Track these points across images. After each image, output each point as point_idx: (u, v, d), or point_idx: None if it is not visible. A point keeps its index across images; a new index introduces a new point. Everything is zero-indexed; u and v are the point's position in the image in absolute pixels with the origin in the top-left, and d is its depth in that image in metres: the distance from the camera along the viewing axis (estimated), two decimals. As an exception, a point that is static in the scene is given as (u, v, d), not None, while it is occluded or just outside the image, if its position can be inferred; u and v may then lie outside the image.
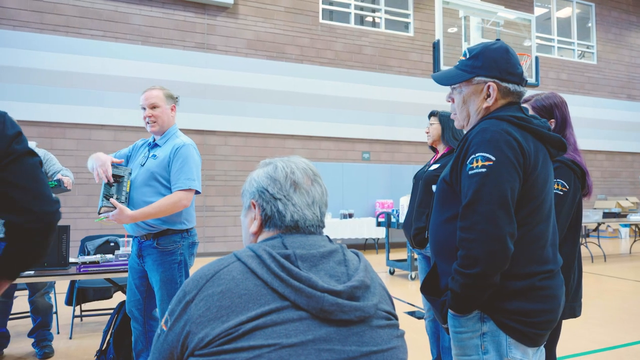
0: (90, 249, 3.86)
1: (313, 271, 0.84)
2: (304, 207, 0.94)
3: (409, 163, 9.77)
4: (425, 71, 10.05)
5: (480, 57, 1.32)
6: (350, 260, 0.91)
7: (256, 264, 0.83)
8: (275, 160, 0.99)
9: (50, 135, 7.35)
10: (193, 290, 0.82)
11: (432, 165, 2.73)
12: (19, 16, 7.35)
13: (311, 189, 0.96)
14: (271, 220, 0.94)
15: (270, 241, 0.90)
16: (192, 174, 2.29)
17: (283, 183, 0.94)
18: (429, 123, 2.82)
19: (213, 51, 8.51)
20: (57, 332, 3.66)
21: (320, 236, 0.95)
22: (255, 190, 0.97)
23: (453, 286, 1.21)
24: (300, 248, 0.88)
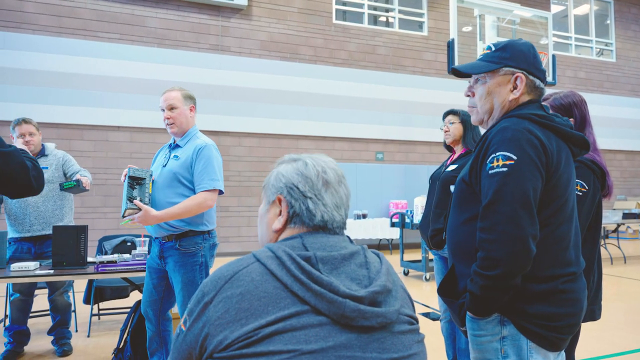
0: (108, 249, 3.92)
1: (334, 274, 0.82)
2: (333, 207, 0.91)
3: (424, 163, 9.70)
4: (439, 71, 9.97)
5: (508, 49, 1.30)
6: (371, 262, 0.89)
7: (275, 265, 0.80)
8: (303, 157, 0.96)
9: (69, 136, 7.48)
10: (211, 291, 0.80)
11: (449, 166, 2.70)
12: (38, 20, 7.51)
13: (339, 190, 0.93)
14: (298, 218, 0.90)
15: (290, 241, 0.87)
16: (216, 174, 2.31)
17: (315, 181, 0.91)
18: (447, 122, 2.75)
19: (227, 53, 8.57)
20: (76, 330, 3.73)
21: (342, 237, 0.92)
22: (283, 185, 0.92)
23: (472, 288, 1.18)
24: (321, 250, 0.85)
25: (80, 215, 7.14)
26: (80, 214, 7.21)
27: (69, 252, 2.85)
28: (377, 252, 0.94)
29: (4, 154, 1.41)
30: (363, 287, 0.83)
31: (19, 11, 7.43)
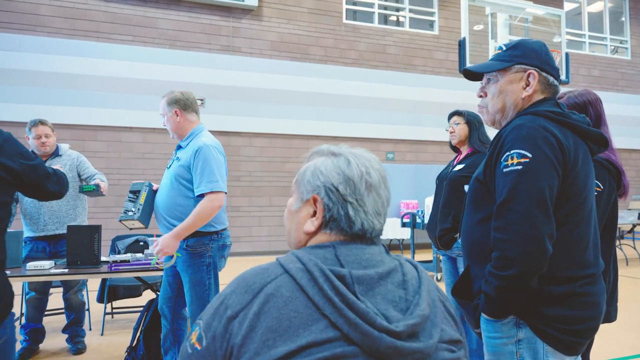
0: (121, 248, 3.96)
1: (369, 295, 0.73)
2: (374, 214, 0.81)
3: (434, 163, 9.64)
4: (450, 70, 9.90)
5: (520, 47, 1.29)
6: (409, 280, 0.79)
7: (306, 280, 0.72)
8: (344, 152, 0.84)
9: (82, 137, 7.58)
10: (236, 305, 0.71)
11: (455, 165, 2.70)
12: (52, 23, 7.62)
13: (382, 193, 0.83)
14: (335, 223, 0.80)
15: (321, 251, 0.77)
16: (214, 175, 2.26)
17: (358, 184, 0.80)
18: (452, 122, 2.76)
19: (238, 53, 8.61)
20: (90, 329, 3.78)
21: (377, 247, 0.82)
22: (321, 184, 0.81)
23: (487, 289, 1.16)
24: (357, 266, 0.76)
25: (93, 215, 7.23)
26: (94, 214, 7.30)
27: (83, 251, 2.89)
28: (415, 264, 0.84)
29: (31, 167, 1.61)
30: (399, 310, 0.74)
31: (33, 14, 7.55)
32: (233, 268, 7.08)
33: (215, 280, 2.37)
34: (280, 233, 8.68)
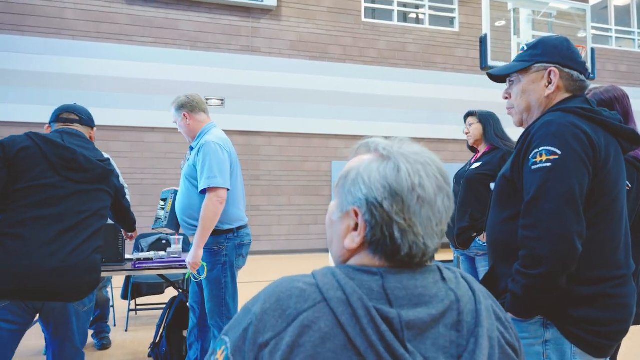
0: (144, 246, 4.04)
1: (418, 341, 0.63)
2: (428, 235, 0.68)
3: (455, 162, 9.51)
4: (471, 67, 9.76)
5: (540, 46, 1.28)
6: (464, 319, 0.67)
7: (348, 317, 0.62)
8: (395, 154, 0.70)
9: (106, 138, 7.75)
10: (268, 331, 0.63)
11: (473, 164, 2.68)
12: (77, 26, 7.82)
13: (440, 207, 0.69)
14: (379, 245, 0.68)
15: (367, 279, 0.66)
16: (212, 172, 2.25)
17: (407, 199, 0.67)
18: (467, 124, 2.78)
19: (257, 53, 8.67)
20: (114, 325, 3.86)
21: (432, 274, 0.70)
22: (363, 197, 0.68)
23: (513, 288, 1.14)
24: (407, 304, 0.65)
25: None
26: (118, 213, 7.46)
27: (108, 249, 2.95)
28: (474, 290, 0.72)
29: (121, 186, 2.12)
30: (450, 356, 0.65)
31: (59, 18, 7.76)
32: (253, 267, 7.08)
33: (233, 279, 2.39)
34: (299, 232, 8.72)
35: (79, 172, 1.81)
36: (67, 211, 1.75)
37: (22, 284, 1.64)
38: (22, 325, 1.73)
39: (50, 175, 1.75)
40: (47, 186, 1.73)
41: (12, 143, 1.73)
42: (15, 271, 1.63)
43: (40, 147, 1.76)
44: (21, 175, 1.71)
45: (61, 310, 1.78)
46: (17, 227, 1.67)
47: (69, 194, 1.77)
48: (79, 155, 1.82)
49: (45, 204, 1.72)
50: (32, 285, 1.65)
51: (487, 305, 0.71)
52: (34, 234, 1.67)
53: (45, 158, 1.75)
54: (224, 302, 2.34)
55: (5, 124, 7.47)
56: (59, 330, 1.82)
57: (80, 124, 2.02)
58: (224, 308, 2.35)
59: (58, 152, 1.78)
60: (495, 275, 1.28)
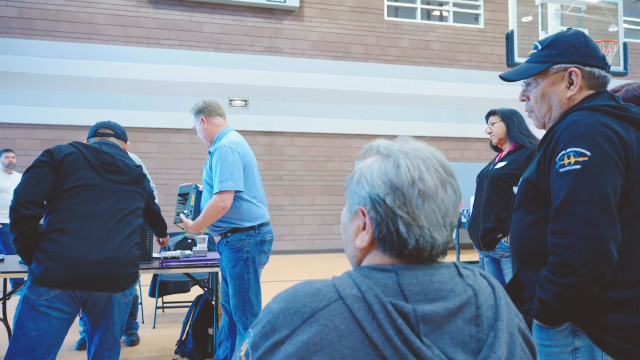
0: (170, 245, 4.13)
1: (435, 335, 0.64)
2: (433, 227, 0.69)
3: (480, 161, 9.36)
4: (497, 64, 9.58)
5: (556, 44, 1.21)
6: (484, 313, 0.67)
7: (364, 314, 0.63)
8: (395, 152, 0.72)
9: (134, 139, 7.95)
10: (284, 328, 0.64)
11: (497, 163, 2.63)
12: (107, 31, 8.05)
13: (444, 199, 0.69)
14: (388, 241, 0.69)
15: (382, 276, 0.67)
16: (224, 175, 2.36)
17: (408, 194, 0.68)
18: (489, 123, 2.72)
19: (280, 54, 8.74)
20: (142, 322, 3.96)
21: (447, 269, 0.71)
22: (366, 195, 0.70)
23: (542, 295, 1.08)
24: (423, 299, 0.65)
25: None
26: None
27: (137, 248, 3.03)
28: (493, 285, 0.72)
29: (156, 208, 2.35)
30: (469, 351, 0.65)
31: (89, 23, 8.00)
32: (276, 266, 7.11)
33: (255, 275, 2.46)
34: (322, 232, 8.74)
35: (118, 174, 2.00)
36: (109, 208, 1.93)
37: (71, 274, 1.80)
38: (70, 315, 1.88)
39: (93, 176, 1.94)
40: (90, 186, 1.92)
41: (58, 150, 1.93)
42: (65, 262, 1.79)
43: (82, 152, 1.95)
44: (67, 177, 1.89)
45: (106, 300, 1.93)
46: (66, 223, 1.84)
47: (109, 193, 1.96)
48: (117, 159, 2.02)
49: (89, 202, 1.90)
50: (80, 276, 1.81)
51: (506, 301, 0.71)
52: (80, 229, 1.85)
53: (87, 162, 1.94)
54: (247, 297, 2.41)
55: (38, 127, 7.76)
56: (101, 319, 1.96)
57: (115, 137, 2.21)
58: (248, 304, 2.42)
59: (98, 156, 1.98)
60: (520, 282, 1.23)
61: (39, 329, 1.78)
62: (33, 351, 1.77)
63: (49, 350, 1.81)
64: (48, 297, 1.79)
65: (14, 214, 1.79)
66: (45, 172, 1.86)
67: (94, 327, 1.99)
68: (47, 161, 1.88)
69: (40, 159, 1.89)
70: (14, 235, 1.83)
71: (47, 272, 1.77)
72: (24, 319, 1.78)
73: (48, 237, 1.83)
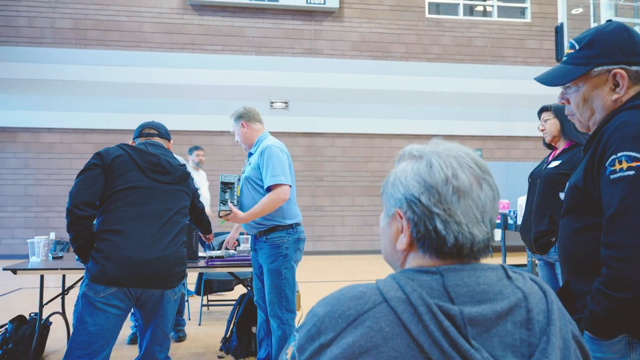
0: (215, 245, 4.24)
1: (484, 338, 0.62)
2: (471, 223, 0.68)
3: (527, 160, 9.01)
4: (545, 59, 9.20)
5: (596, 44, 1.10)
6: (535, 317, 0.65)
7: (409, 316, 0.62)
8: (427, 153, 0.72)
9: (180, 142, 8.22)
10: (329, 331, 0.64)
11: (551, 162, 2.50)
12: (154, 39, 8.38)
13: (480, 195, 0.69)
14: (426, 240, 0.69)
15: (426, 278, 0.66)
16: (276, 170, 2.50)
17: (442, 191, 0.68)
18: (542, 120, 2.58)
19: (320, 55, 8.78)
20: (189, 319, 4.09)
21: (495, 271, 0.69)
22: (402, 196, 0.71)
23: (594, 308, 1.02)
24: (470, 301, 0.64)
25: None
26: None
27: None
28: (544, 290, 0.70)
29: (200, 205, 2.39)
30: (520, 356, 0.63)
31: (138, 31, 8.37)
32: (317, 267, 7.12)
33: (292, 272, 2.56)
34: (362, 233, 8.70)
35: (163, 174, 2.07)
36: (157, 209, 2.01)
37: (125, 272, 1.88)
38: (124, 311, 1.97)
39: (141, 178, 2.01)
40: (139, 187, 1.99)
41: (107, 153, 2.00)
42: (119, 262, 1.88)
43: (130, 154, 2.02)
44: (117, 179, 1.97)
45: (158, 297, 2.02)
46: (119, 224, 1.93)
47: (157, 193, 2.03)
48: (163, 159, 2.07)
49: (139, 203, 1.98)
50: (133, 274, 1.90)
51: (559, 307, 0.69)
52: (132, 230, 1.93)
53: (135, 163, 2.01)
54: (284, 292, 2.50)
55: (91, 131, 8.19)
56: (153, 315, 2.05)
57: (160, 137, 2.26)
58: (284, 299, 2.50)
59: (145, 157, 2.04)
60: (570, 291, 1.17)
61: (97, 324, 1.87)
62: (92, 345, 1.86)
63: (105, 345, 1.90)
64: (105, 295, 1.88)
65: (70, 216, 1.88)
66: (96, 174, 1.94)
67: (146, 323, 2.07)
68: (97, 164, 1.96)
69: (92, 162, 1.97)
70: (71, 236, 1.92)
71: (103, 270, 1.86)
72: (83, 315, 1.88)
73: (102, 238, 1.92)
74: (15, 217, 8.00)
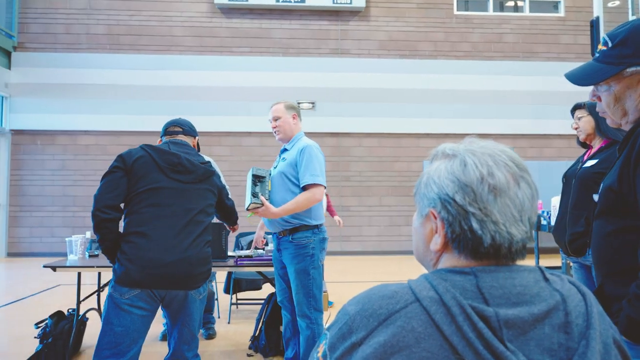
0: (243, 244, 4.30)
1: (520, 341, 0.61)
2: (509, 222, 0.66)
3: (561, 159, 8.74)
4: (579, 54, 8.90)
5: (630, 42, 1.04)
6: (573, 320, 0.63)
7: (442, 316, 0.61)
8: (461, 151, 0.71)
9: (209, 143, 8.38)
10: (361, 330, 0.64)
11: (586, 161, 2.41)
12: (184, 42, 8.57)
13: (518, 193, 0.67)
14: (462, 240, 0.68)
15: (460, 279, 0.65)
16: (316, 170, 2.52)
17: (478, 190, 0.66)
18: (576, 117, 2.49)
19: (346, 55, 8.77)
20: (218, 317, 4.16)
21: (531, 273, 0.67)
22: (435, 196, 0.70)
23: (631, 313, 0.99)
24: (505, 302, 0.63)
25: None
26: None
27: (213, 246, 3.18)
28: (584, 293, 0.67)
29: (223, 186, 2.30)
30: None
31: (168, 36, 8.57)
32: (344, 267, 7.09)
33: (319, 271, 2.56)
34: (390, 233, 8.63)
35: (184, 173, 2.06)
36: (179, 209, 2.00)
37: (148, 275, 1.90)
38: (150, 311, 1.99)
39: (162, 179, 2.01)
40: (160, 188, 2.00)
41: (129, 155, 2.02)
42: (141, 264, 1.90)
43: (151, 155, 2.03)
44: (139, 181, 1.98)
45: (182, 297, 2.02)
46: (142, 226, 1.95)
47: (178, 193, 2.02)
48: (183, 159, 2.06)
49: (161, 204, 1.98)
50: (156, 276, 1.91)
51: (599, 310, 0.66)
52: (155, 232, 1.94)
53: (156, 164, 2.01)
54: (311, 292, 2.51)
55: (124, 133, 8.44)
56: (179, 315, 2.05)
57: (184, 134, 2.27)
58: (312, 299, 2.51)
59: (165, 157, 2.04)
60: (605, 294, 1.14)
61: (123, 325, 1.90)
62: (119, 345, 1.89)
63: (132, 344, 1.93)
64: (130, 296, 1.90)
65: (95, 219, 1.91)
66: (119, 177, 1.96)
67: (173, 322, 2.09)
68: (120, 166, 1.97)
69: (114, 164, 1.99)
70: (97, 238, 1.96)
71: (126, 273, 1.89)
72: (110, 316, 1.90)
73: (127, 240, 1.94)
74: (55, 216, 8.34)
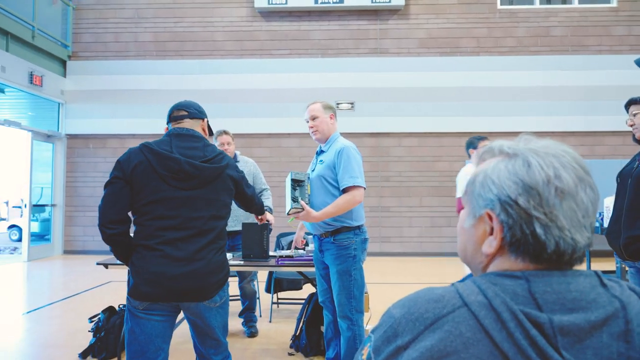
0: (284, 245, 4.36)
1: (576, 349, 0.58)
2: (575, 228, 0.63)
3: (615, 157, 8.27)
4: (634, 46, 8.40)
5: None
6: (635, 329, 0.60)
7: (492, 322, 0.59)
8: (522, 150, 0.66)
9: (250, 145, 8.54)
10: (407, 334, 0.62)
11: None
12: (225, 46, 8.78)
13: (583, 197, 0.64)
14: (521, 245, 0.64)
15: (510, 283, 0.62)
16: (354, 171, 2.51)
17: (544, 193, 0.63)
18: (630, 113, 2.36)
19: (386, 55, 8.69)
20: (260, 315, 4.24)
21: (587, 278, 0.63)
22: (494, 197, 0.66)
23: None
24: (560, 309, 0.59)
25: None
26: (260, 213, 8.16)
27: (255, 246, 3.26)
28: None
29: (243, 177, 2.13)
30: None
31: (210, 41, 8.81)
32: (383, 268, 7.05)
33: (360, 273, 2.55)
34: (431, 234, 8.48)
35: (187, 180, 1.90)
36: (184, 219, 1.88)
37: (154, 288, 1.85)
38: (168, 317, 1.93)
39: (164, 188, 1.88)
40: (163, 199, 1.88)
41: (127, 161, 1.89)
42: (147, 277, 1.85)
43: (150, 161, 1.88)
44: (141, 192, 1.88)
45: (195, 308, 1.93)
46: (148, 239, 1.87)
47: (182, 202, 1.89)
48: (184, 163, 1.89)
49: (165, 216, 1.88)
50: (163, 289, 1.85)
51: None
52: (160, 245, 1.86)
53: (155, 172, 1.88)
54: (353, 293, 2.51)
55: (170, 136, 8.73)
56: (197, 324, 1.98)
57: (190, 118, 2.06)
58: (353, 300, 2.50)
59: (165, 163, 1.88)
60: None
61: (145, 333, 1.87)
62: (145, 353, 1.87)
63: (159, 350, 1.90)
64: (144, 307, 1.87)
65: (102, 234, 1.87)
66: (119, 188, 1.87)
67: (194, 329, 2.02)
68: (119, 176, 1.88)
69: (113, 174, 1.90)
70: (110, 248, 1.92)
71: (135, 286, 1.86)
72: (131, 325, 1.88)
73: (136, 251, 1.90)
74: (105, 216, 8.76)
